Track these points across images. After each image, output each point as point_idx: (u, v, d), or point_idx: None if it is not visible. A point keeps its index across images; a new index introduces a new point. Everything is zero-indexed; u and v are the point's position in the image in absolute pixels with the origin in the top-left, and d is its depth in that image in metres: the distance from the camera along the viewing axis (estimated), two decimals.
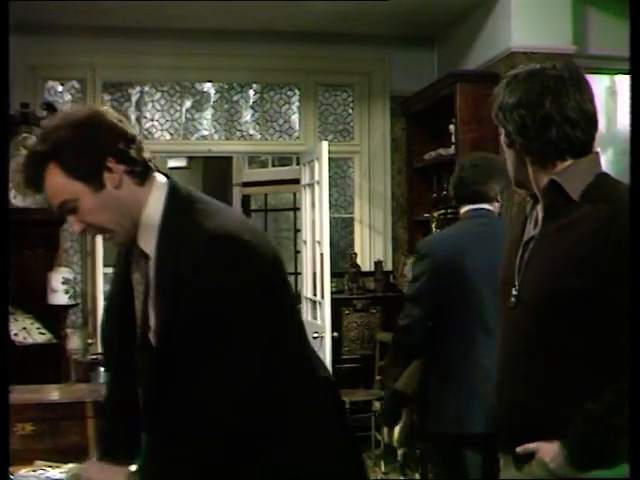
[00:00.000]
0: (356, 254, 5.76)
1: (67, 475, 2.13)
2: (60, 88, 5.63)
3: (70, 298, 4.80)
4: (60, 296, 4.76)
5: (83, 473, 1.78)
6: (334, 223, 5.87)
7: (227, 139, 5.84)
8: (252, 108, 5.88)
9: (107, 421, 2.00)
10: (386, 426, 3.36)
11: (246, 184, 8.04)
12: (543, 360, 1.77)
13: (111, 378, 2.00)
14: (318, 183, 5.00)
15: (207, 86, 5.83)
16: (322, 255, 4.88)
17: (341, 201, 6.06)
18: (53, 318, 4.79)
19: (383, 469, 4.87)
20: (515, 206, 4.40)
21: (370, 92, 5.92)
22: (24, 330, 4.60)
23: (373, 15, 5.30)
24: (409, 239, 5.86)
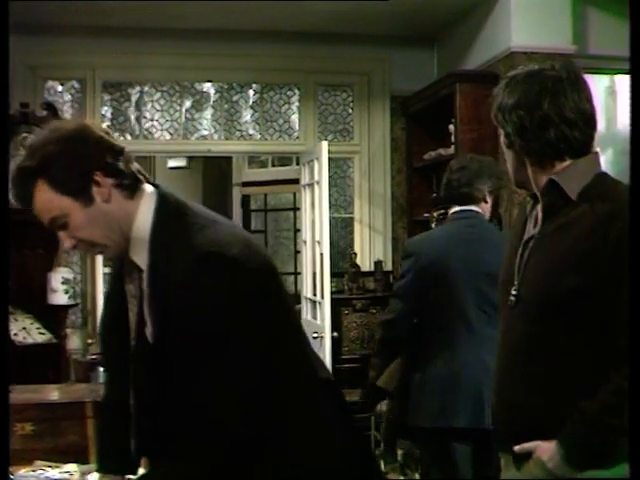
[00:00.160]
0: (356, 254, 5.76)
1: None
2: (60, 88, 5.62)
3: (70, 298, 4.79)
4: (60, 296, 4.75)
5: None
6: (334, 223, 5.86)
7: (227, 139, 5.84)
8: (252, 108, 5.88)
9: (106, 421, 2.00)
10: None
11: (246, 184, 8.04)
12: (542, 359, 1.77)
13: (109, 378, 2.01)
14: (318, 183, 5.00)
15: (207, 86, 5.82)
16: (322, 255, 4.88)
17: (341, 201, 6.06)
18: (53, 318, 4.79)
19: (383, 469, 4.86)
20: (515, 206, 4.41)
21: (370, 92, 5.91)
22: (24, 330, 4.60)
23: (373, 15, 5.29)
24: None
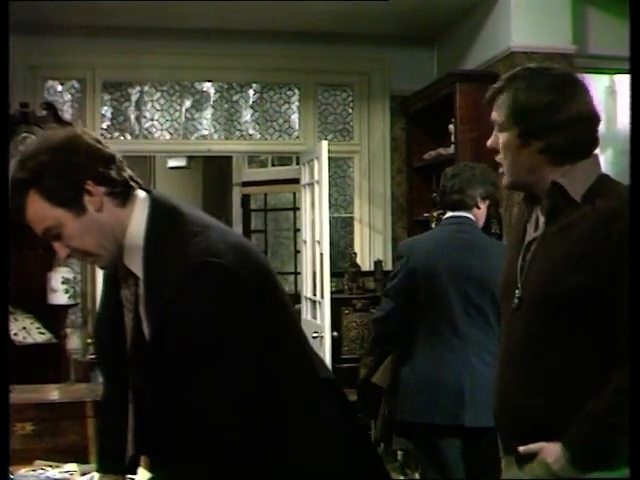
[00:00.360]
0: (356, 254, 5.76)
1: None
2: (60, 88, 5.62)
3: (70, 298, 4.80)
4: (60, 296, 4.75)
5: None
6: (334, 223, 5.86)
7: (227, 139, 5.84)
8: (252, 108, 5.88)
9: (105, 421, 2.00)
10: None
11: (246, 184, 8.04)
12: (546, 360, 1.77)
13: (106, 379, 2.00)
14: (318, 183, 5.00)
15: (207, 86, 5.82)
16: (322, 255, 4.88)
17: (341, 201, 6.06)
18: (53, 318, 4.79)
19: None
20: (515, 206, 4.41)
21: (370, 92, 5.92)
22: (24, 330, 4.60)
23: (373, 15, 5.29)
24: None
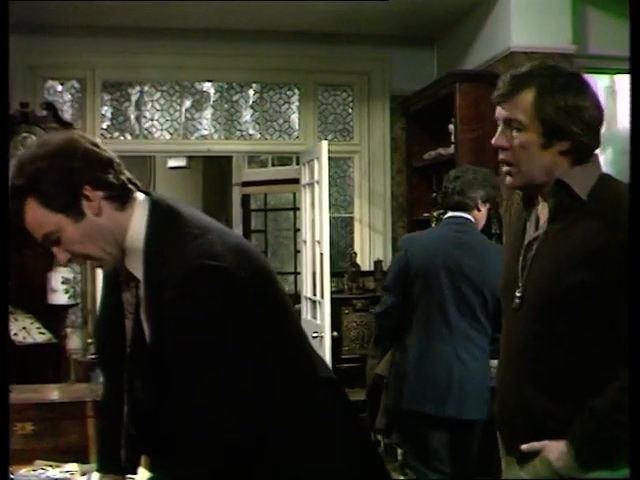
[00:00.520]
0: (356, 254, 5.76)
1: None
2: (60, 88, 5.62)
3: (70, 298, 4.80)
4: (60, 296, 4.75)
5: None
6: (334, 223, 5.86)
7: (227, 139, 5.84)
8: (252, 108, 5.88)
9: (105, 421, 2.01)
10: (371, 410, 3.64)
11: (246, 184, 8.04)
12: (550, 358, 1.76)
13: (106, 379, 2.01)
14: (318, 183, 5.00)
15: (207, 86, 5.82)
16: (322, 255, 4.88)
17: (341, 201, 6.06)
18: (53, 318, 4.79)
19: None
20: (515, 206, 4.41)
21: (370, 92, 5.91)
22: (24, 330, 4.60)
23: (373, 15, 5.29)
24: None
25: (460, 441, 3.27)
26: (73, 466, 2.45)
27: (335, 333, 5.05)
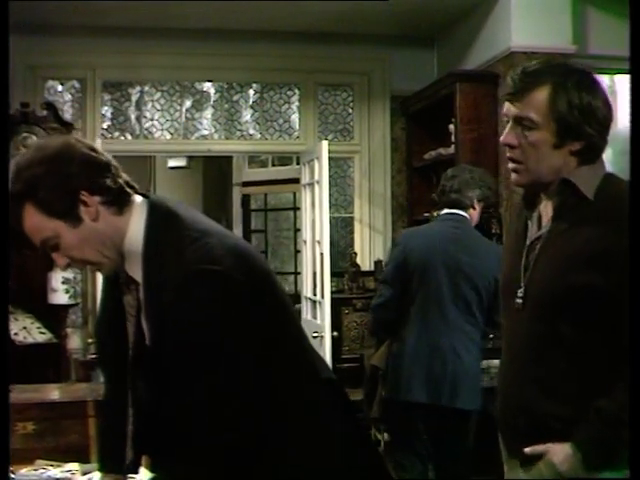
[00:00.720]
0: (356, 253, 5.76)
1: None
2: (60, 88, 5.62)
3: (70, 298, 4.80)
4: (60, 296, 4.76)
5: None
6: (334, 223, 5.86)
7: (227, 139, 5.84)
8: (252, 108, 5.88)
9: (106, 420, 2.01)
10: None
11: (246, 184, 8.04)
12: (552, 359, 1.75)
13: (107, 379, 2.01)
14: (318, 183, 5.01)
15: (207, 86, 5.83)
16: (322, 255, 4.88)
17: (341, 201, 6.06)
18: (53, 318, 4.79)
19: None
20: (515, 206, 4.41)
21: (370, 92, 5.92)
22: (24, 329, 4.60)
23: (373, 15, 5.29)
24: None
25: (455, 431, 3.36)
26: (74, 466, 2.45)
27: (335, 333, 5.05)
